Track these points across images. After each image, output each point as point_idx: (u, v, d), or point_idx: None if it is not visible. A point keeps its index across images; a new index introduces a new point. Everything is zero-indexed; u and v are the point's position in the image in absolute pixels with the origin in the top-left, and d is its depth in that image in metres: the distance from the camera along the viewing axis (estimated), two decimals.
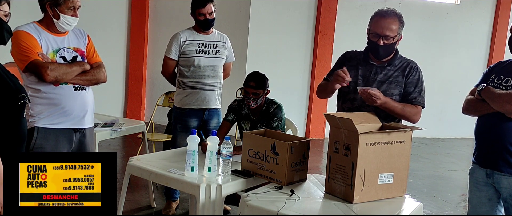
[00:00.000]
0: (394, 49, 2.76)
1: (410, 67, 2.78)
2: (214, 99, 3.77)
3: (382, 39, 2.67)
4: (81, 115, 2.81)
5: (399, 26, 2.70)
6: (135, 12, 7.28)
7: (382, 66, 2.77)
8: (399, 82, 2.75)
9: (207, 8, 3.59)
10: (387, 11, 2.72)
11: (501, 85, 2.46)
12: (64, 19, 2.70)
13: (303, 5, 7.17)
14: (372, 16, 2.77)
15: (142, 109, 7.51)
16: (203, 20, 3.63)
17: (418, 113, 2.76)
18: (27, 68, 2.64)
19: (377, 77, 2.76)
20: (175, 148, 3.67)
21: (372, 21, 2.74)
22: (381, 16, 2.70)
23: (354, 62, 2.85)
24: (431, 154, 6.94)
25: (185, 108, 3.73)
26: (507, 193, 2.45)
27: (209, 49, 3.71)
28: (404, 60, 2.81)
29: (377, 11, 2.76)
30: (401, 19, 2.71)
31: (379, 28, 2.68)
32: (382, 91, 2.71)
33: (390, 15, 2.69)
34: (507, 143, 2.41)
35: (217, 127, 3.71)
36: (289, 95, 6.94)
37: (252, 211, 2.29)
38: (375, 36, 2.70)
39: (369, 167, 2.37)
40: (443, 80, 7.96)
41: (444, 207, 4.62)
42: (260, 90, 3.36)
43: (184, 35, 3.68)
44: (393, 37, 2.68)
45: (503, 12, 8.14)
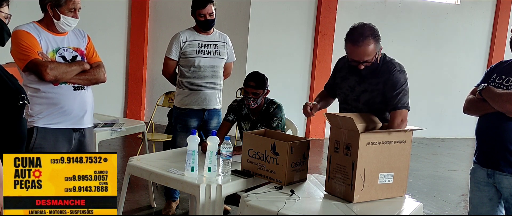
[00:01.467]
0: (377, 64, 2.65)
1: (388, 71, 2.64)
2: (214, 99, 3.77)
3: (362, 64, 2.59)
4: (81, 114, 2.81)
5: (375, 45, 2.54)
6: (135, 12, 7.28)
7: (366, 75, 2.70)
8: (379, 90, 2.66)
9: (207, 8, 3.59)
10: (359, 36, 2.52)
11: (502, 85, 2.46)
12: (64, 20, 2.71)
13: (303, 5, 7.17)
14: (345, 40, 2.60)
15: (142, 109, 7.51)
16: (203, 21, 3.63)
17: (404, 119, 2.59)
18: (27, 67, 2.64)
19: (361, 87, 2.71)
20: (175, 148, 3.67)
21: (347, 47, 2.60)
22: (354, 44, 2.54)
23: (343, 72, 2.83)
24: (431, 154, 6.94)
25: (185, 108, 3.73)
26: (508, 193, 2.45)
27: (210, 50, 3.70)
28: (385, 65, 2.67)
29: (348, 34, 2.58)
30: (375, 37, 2.54)
31: (356, 56, 2.57)
32: (366, 101, 2.68)
33: (363, 41, 2.51)
34: (508, 143, 2.41)
35: (217, 127, 3.70)
36: (289, 95, 6.93)
37: (252, 211, 2.29)
38: (354, 62, 2.61)
39: (369, 166, 2.37)
40: (443, 80, 7.96)
41: (444, 207, 4.62)
42: (260, 90, 3.36)
43: (185, 36, 3.68)
44: (371, 59, 2.57)
45: (503, 12, 8.14)
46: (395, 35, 7.10)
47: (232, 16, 6.85)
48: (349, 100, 2.77)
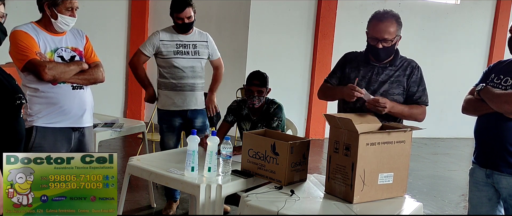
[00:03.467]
0: (394, 51, 2.76)
1: (411, 66, 2.78)
2: (194, 100, 3.72)
3: (381, 43, 2.67)
4: (80, 114, 2.81)
5: (397, 28, 2.68)
6: (135, 12, 7.28)
7: (384, 66, 2.77)
8: (400, 81, 2.75)
9: (185, 12, 3.55)
10: (384, 13, 2.70)
11: (500, 85, 2.45)
12: (62, 19, 2.71)
13: (303, 5, 7.17)
14: (369, 19, 2.75)
15: (142, 109, 7.51)
16: (181, 24, 3.60)
17: (424, 112, 2.80)
18: (25, 67, 2.64)
19: (379, 77, 2.76)
20: (164, 148, 3.71)
21: (370, 25, 2.73)
22: (378, 20, 2.68)
23: (355, 63, 2.84)
24: (431, 154, 6.94)
25: (169, 110, 3.72)
26: (506, 193, 2.45)
27: (188, 50, 3.67)
28: (404, 59, 2.82)
29: (374, 14, 2.74)
30: (398, 20, 2.69)
31: (377, 32, 2.67)
32: (384, 91, 2.72)
33: (387, 18, 2.67)
34: (506, 143, 2.40)
35: (202, 126, 3.72)
36: (289, 95, 6.93)
37: (252, 211, 2.29)
38: (374, 40, 2.69)
39: (369, 167, 2.37)
40: (443, 80, 7.96)
41: (444, 207, 4.62)
42: (264, 88, 3.37)
43: (163, 35, 3.66)
44: (391, 39, 2.67)
45: (503, 12, 8.14)
46: None
47: (232, 16, 6.85)
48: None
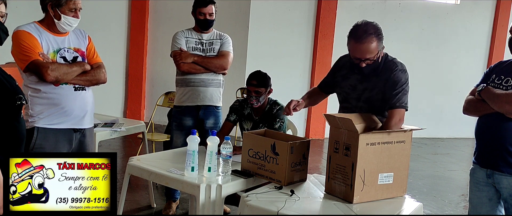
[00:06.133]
0: (378, 63, 2.65)
1: (389, 70, 2.64)
2: (209, 95, 3.73)
3: (363, 62, 2.59)
4: (81, 115, 2.81)
5: (378, 44, 2.55)
6: (135, 12, 7.28)
7: (368, 74, 2.69)
8: (380, 88, 2.66)
9: (208, 8, 3.64)
10: (362, 33, 2.52)
11: (501, 85, 2.46)
12: (65, 20, 2.71)
13: (303, 5, 7.17)
14: (348, 35, 2.60)
15: (142, 109, 7.51)
16: (202, 20, 3.66)
17: (401, 119, 2.59)
18: (27, 67, 2.64)
19: (363, 85, 2.71)
20: (171, 146, 3.73)
21: (349, 45, 2.60)
22: (357, 41, 2.54)
23: (344, 71, 2.82)
24: (431, 154, 6.94)
25: (181, 106, 3.75)
26: (507, 193, 2.45)
27: (204, 47, 3.72)
28: (387, 64, 2.67)
29: (352, 31, 2.58)
30: (379, 35, 2.55)
31: (358, 53, 2.57)
32: (366, 99, 2.68)
33: (366, 38, 2.51)
34: (507, 143, 2.40)
35: (213, 127, 3.71)
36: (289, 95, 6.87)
37: (252, 211, 2.29)
38: (356, 59, 2.61)
39: (369, 167, 2.37)
40: (443, 80, 7.96)
41: (444, 207, 4.62)
42: (262, 88, 3.36)
43: (185, 33, 3.72)
44: (374, 56, 2.57)
45: (503, 12, 8.14)
46: (395, 35, 7.09)
47: (232, 16, 6.85)
48: (350, 99, 2.77)
